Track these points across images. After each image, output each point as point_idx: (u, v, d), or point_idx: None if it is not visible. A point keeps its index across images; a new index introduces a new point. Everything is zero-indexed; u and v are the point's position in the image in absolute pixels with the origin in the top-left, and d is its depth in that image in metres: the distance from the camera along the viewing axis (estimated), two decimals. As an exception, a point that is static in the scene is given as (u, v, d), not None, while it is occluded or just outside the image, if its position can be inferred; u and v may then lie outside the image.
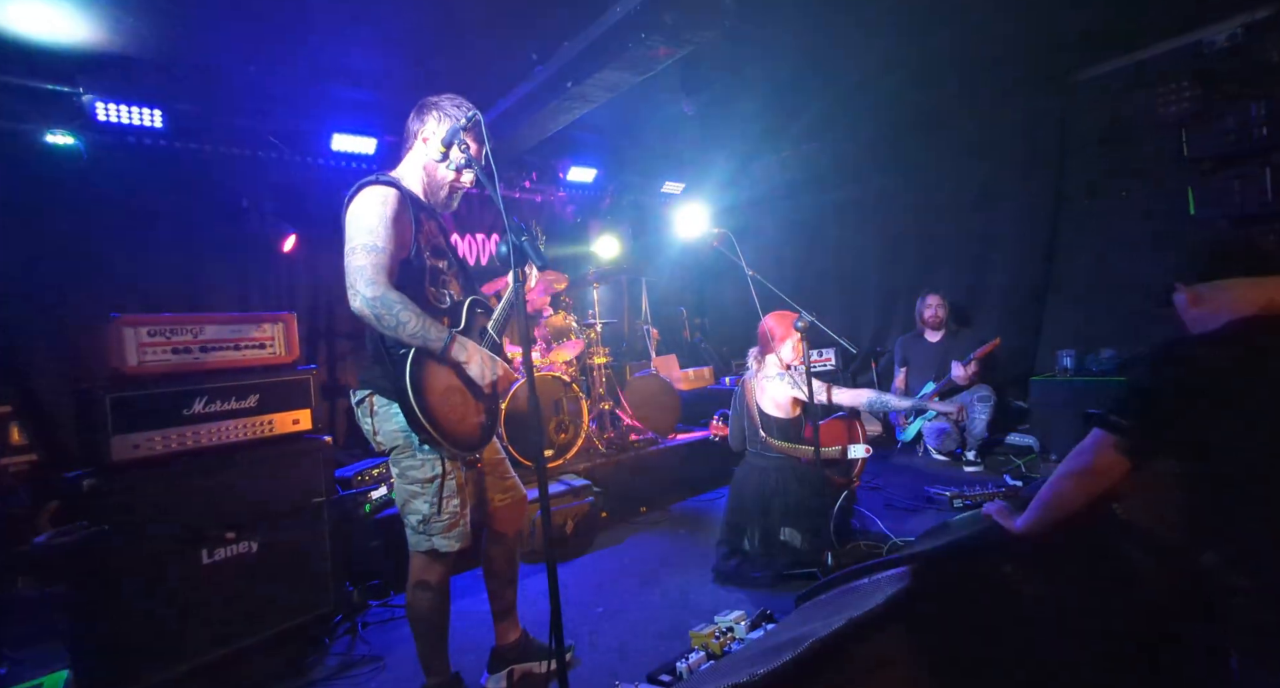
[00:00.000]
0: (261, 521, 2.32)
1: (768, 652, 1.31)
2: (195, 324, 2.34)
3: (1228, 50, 3.68)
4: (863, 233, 5.71)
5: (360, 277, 1.66)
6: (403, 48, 3.57)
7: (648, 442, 4.33)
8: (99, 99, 3.40)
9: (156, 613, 2.05)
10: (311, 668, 2.32)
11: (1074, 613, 1.52)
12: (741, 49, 3.82)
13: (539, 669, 2.11)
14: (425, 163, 1.90)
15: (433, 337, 1.72)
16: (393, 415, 1.76)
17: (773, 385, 2.92)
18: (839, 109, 5.00)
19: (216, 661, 2.16)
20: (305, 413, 2.57)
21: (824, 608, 1.59)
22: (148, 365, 2.20)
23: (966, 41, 3.96)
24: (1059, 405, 4.02)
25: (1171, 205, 3.80)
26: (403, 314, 1.66)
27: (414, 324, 1.68)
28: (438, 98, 1.93)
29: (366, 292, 1.64)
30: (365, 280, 1.65)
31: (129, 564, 2.01)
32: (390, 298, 1.66)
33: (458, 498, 1.81)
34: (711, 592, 2.68)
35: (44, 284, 3.50)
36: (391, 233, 1.71)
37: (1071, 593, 1.56)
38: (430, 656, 1.88)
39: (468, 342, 1.81)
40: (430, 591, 1.84)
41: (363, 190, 1.75)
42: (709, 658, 2.04)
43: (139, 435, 2.13)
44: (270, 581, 2.32)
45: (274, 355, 2.53)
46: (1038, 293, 4.66)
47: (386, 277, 1.68)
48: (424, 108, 1.93)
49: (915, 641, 1.35)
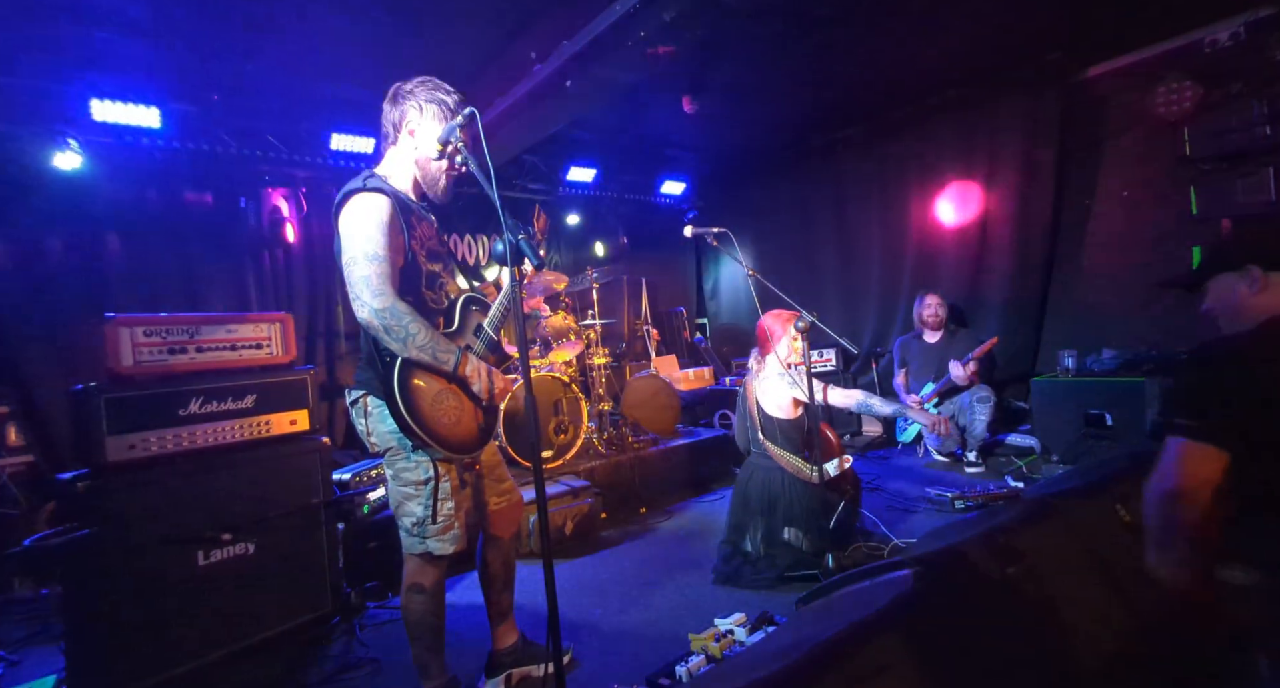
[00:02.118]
0: (258, 522, 2.30)
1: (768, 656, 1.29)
2: (191, 324, 2.32)
3: (1230, 49, 3.67)
4: (864, 232, 5.69)
5: (366, 287, 1.63)
6: (402, 47, 3.56)
7: (647, 443, 4.32)
8: (95, 97, 3.38)
9: (152, 615, 2.03)
10: (308, 671, 2.30)
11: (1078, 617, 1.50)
12: (739, 48, 3.81)
13: (537, 673, 2.09)
14: (418, 159, 1.85)
15: (442, 350, 1.70)
16: (386, 417, 1.74)
17: (773, 386, 2.90)
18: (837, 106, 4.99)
19: (213, 663, 2.14)
20: (303, 413, 2.56)
21: (825, 611, 1.57)
22: (143, 366, 2.18)
23: (967, 39, 3.95)
24: (1060, 406, 4.01)
25: (1174, 205, 3.79)
26: (412, 326, 1.65)
27: (423, 337, 1.66)
28: (414, 85, 1.84)
29: (375, 303, 1.62)
30: (372, 291, 1.62)
31: (123, 566, 1.99)
32: (399, 309, 1.64)
33: (453, 501, 1.79)
34: (711, 594, 2.66)
35: (41, 284, 3.49)
36: (389, 240, 1.68)
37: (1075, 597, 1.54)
38: (426, 659, 1.86)
39: (475, 360, 1.79)
40: (425, 594, 1.81)
41: (352, 198, 1.71)
42: (709, 661, 2.02)
43: (134, 436, 2.11)
44: (267, 582, 2.30)
45: (271, 356, 2.52)
46: (1039, 293, 4.64)
47: (392, 286, 1.66)
48: (400, 96, 1.84)
49: (917, 645, 1.33)
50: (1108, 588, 1.64)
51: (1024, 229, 4.61)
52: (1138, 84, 4.04)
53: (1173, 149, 3.66)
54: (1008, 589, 1.51)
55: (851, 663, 1.21)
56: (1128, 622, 1.57)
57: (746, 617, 2.22)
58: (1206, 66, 3.72)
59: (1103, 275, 4.34)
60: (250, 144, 4.05)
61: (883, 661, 1.24)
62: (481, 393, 1.79)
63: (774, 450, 2.88)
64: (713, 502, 4.08)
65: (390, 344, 1.66)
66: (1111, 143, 4.23)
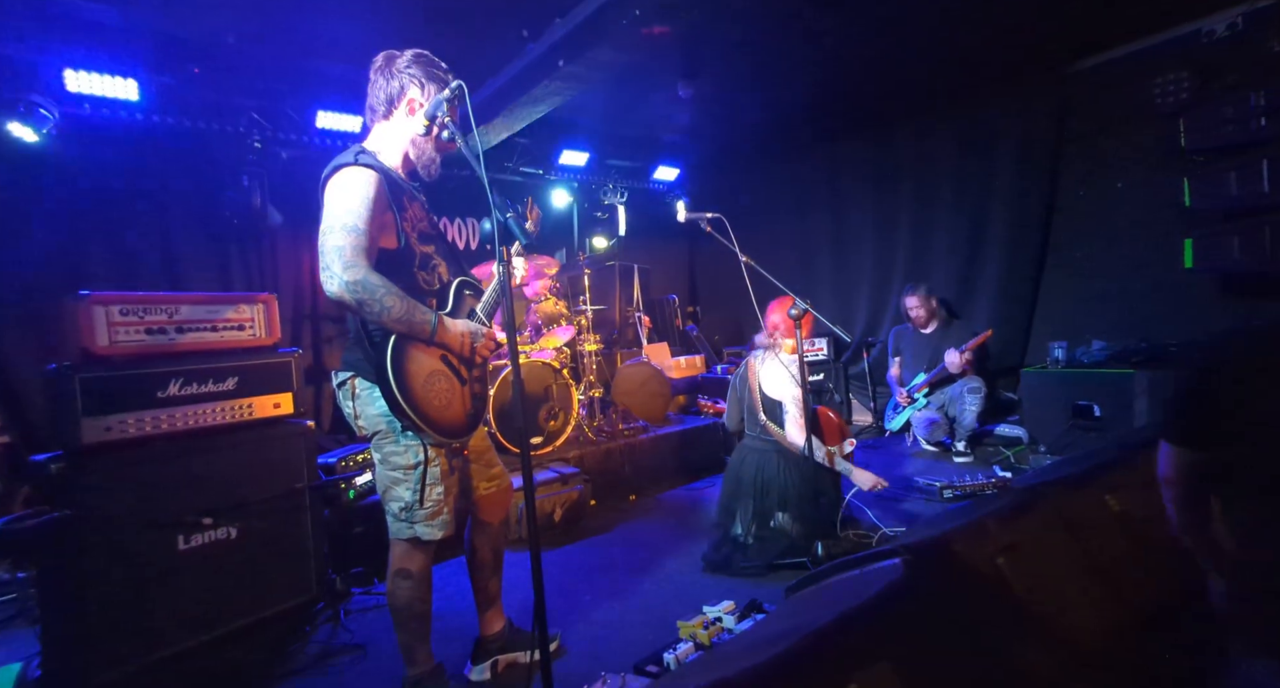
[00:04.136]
0: (241, 506, 2.26)
1: (757, 644, 1.28)
2: (170, 304, 2.26)
3: (1228, 39, 3.64)
4: (858, 221, 5.66)
5: (337, 258, 1.55)
6: (391, 23, 3.46)
7: (638, 430, 4.30)
8: (69, 66, 3.26)
9: (130, 599, 1.99)
10: (292, 657, 2.27)
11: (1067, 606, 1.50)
12: (736, 31, 3.75)
13: (524, 660, 2.08)
14: (413, 136, 1.80)
15: (418, 320, 1.65)
16: (375, 399, 1.70)
17: (777, 371, 2.89)
18: (834, 91, 4.93)
19: (194, 648, 2.11)
20: (286, 397, 2.51)
21: (814, 600, 1.57)
22: (119, 346, 2.12)
23: (966, 28, 3.91)
24: (1049, 397, 4.02)
25: (1167, 198, 3.78)
26: (386, 299, 1.59)
27: (399, 309, 1.61)
28: (409, 59, 1.79)
29: (345, 275, 1.55)
30: (343, 262, 1.55)
31: (99, 549, 1.94)
32: (372, 282, 1.57)
33: (441, 486, 1.76)
34: (700, 582, 2.66)
35: (15, 263, 3.39)
36: (372, 215, 1.62)
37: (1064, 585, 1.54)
38: (412, 646, 1.84)
39: (452, 321, 1.75)
40: (411, 579, 1.79)
41: (340, 171, 1.65)
42: (697, 649, 2.02)
43: (111, 418, 2.05)
44: (250, 567, 2.27)
45: (254, 337, 2.46)
46: (1031, 284, 4.65)
47: (366, 259, 1.59)
48: (396, 70, 1.78)
49: (908, 632, 1.32)
50: (1096, 576, 1.64)
51: (1018, 219, 4.60)
52: (1135, 75, 4.02)
53: (1169, 141, 3.64)
54: (997, 578, 1.51)
55: (842, 650, 1.20)
56: (1116, 609, 1.57)
57: (735, 605, 2.22)
58: (1204, 58, 3.70)
59: (1095, 267, 4.34)
60: (232, 120, 3.93)
61: (873, 648, 1.23)
62: (463, 351, 1.77)
63: (775, 431, 2.87)
64: (702, 489, 4.08)
65: (367, 318, 1.62)
66: (1108, 134, 4.22)
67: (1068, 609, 1.51)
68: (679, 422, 4.70)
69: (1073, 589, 1.58)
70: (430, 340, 1.70)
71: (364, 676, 2.14)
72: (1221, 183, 3.37)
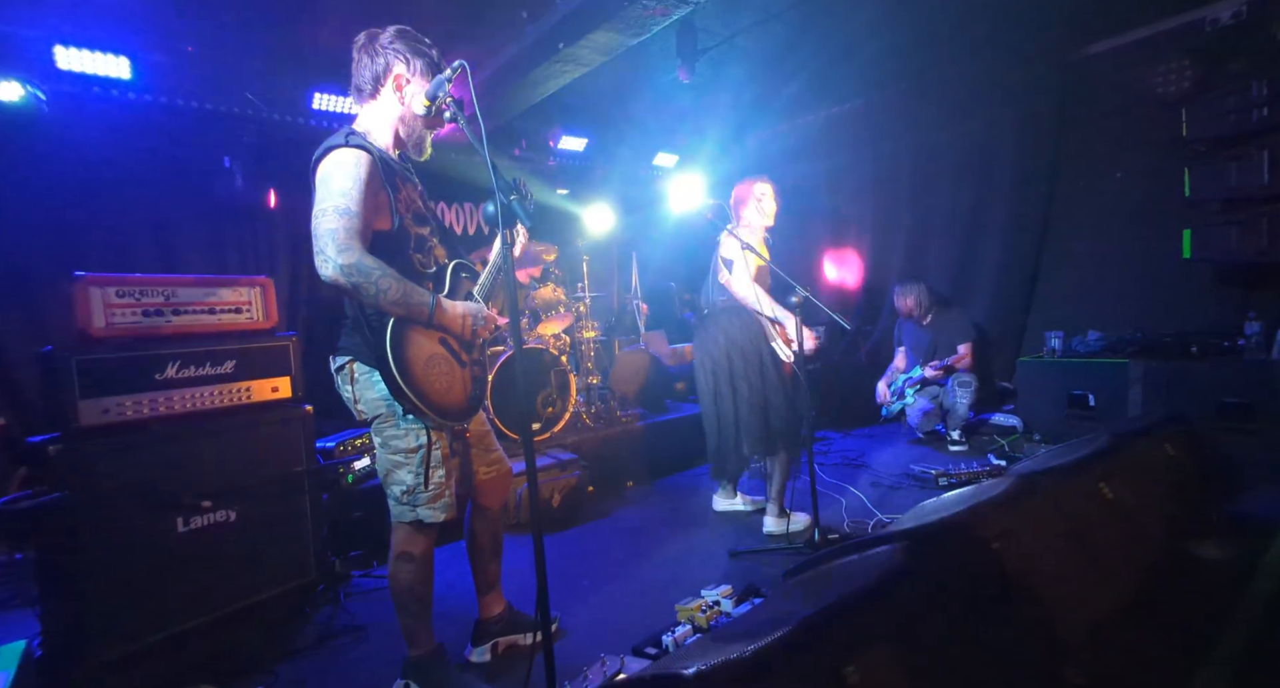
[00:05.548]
0: (240, 489, 2.26)
1: (756, 627, 1.29)
2: (166, 286, 2.23)
3: (1232, 27, 3.62)
4: (856, 208, 5.64)
5: (330, 241, 1.53)
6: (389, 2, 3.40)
7: (635, 417, 4.31)
8: (60, 43, 3.19)
9: (130, 581, 1.99)
10: (292, 638, 2.29)
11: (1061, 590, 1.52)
12: (736, 14, 3.70)
13: (524, 642, 2.10)
14: (403, 115, 1.77)
15: (415, 303, 1.64)
16: (374, 383, 1.69)
17: (733, 241, 2.92)
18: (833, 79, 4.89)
19: (193, 630, 2.12)
20: (285, 380, 2.50)
21: (813, 584, 1.58)
22: (116, 327, 2.10)
23: (967, 14, 3.87)
24: (1045, 386, 4.05)
25: (1167, 187, 3.78)
26: (382, 281, 1.57)
27: (395, 291, 1.59)
28: (392, 36, 1.74)
29: (339, 258, 1.53)
30: (337, 245, 1.53)
31: (97, 530, 1.94)
32: (367, 265, 1.55)
33: (443, 468, 1.76)
34: (698, 566, 2.68)
35: (9, 245, 3.35)
36: (365, 197, 1.60)
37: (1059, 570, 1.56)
38: (414, 628, 1.85)
39: (451, 303, 1.74)
40: (414, 562, 1.79)
41: (331, 152, 1.63)
42: (695, 631, 2.04)
43: (108, 400, 2.04)
44: (250, 550, 2.27)
45: (251, 320, 2.44)
46: (1029, 273, 4.65)
47: (360, 242, 1.57)
48: (379, 47, 1.74)
49: (904, 618, 1.34)
50: (1091, 563, 1.67)
51: (1017, 207, 4.59)
52: (1137, 63, 3.99)
53: (1171, 129, 3.62)
54: (993, 564, 1.53)
55: (841, 634, 1.22)
56: (1110, 596, 1.60)
57: (733, 589, 2.24)
58: (1207, 46, 3.68)
59: (1094, 257, 4.35)
60: (227, 100, 3.86)
61: (872, 632, 1.25)
62: (464, 333, 1.75)
63: (734, 287, 2.99)
64: (698, 476, 4.10)
65: (363, 302, 1.60)
66: (1110, 122, 4.20)
67: (1063, 595, 1.53)
68: (676, 409, 4.71)
69: (1067, 574, 1.60)
70: (429, 323, 1.68)
71: (365, 656, 2.16)
72: (1222, 173, 3.37)
